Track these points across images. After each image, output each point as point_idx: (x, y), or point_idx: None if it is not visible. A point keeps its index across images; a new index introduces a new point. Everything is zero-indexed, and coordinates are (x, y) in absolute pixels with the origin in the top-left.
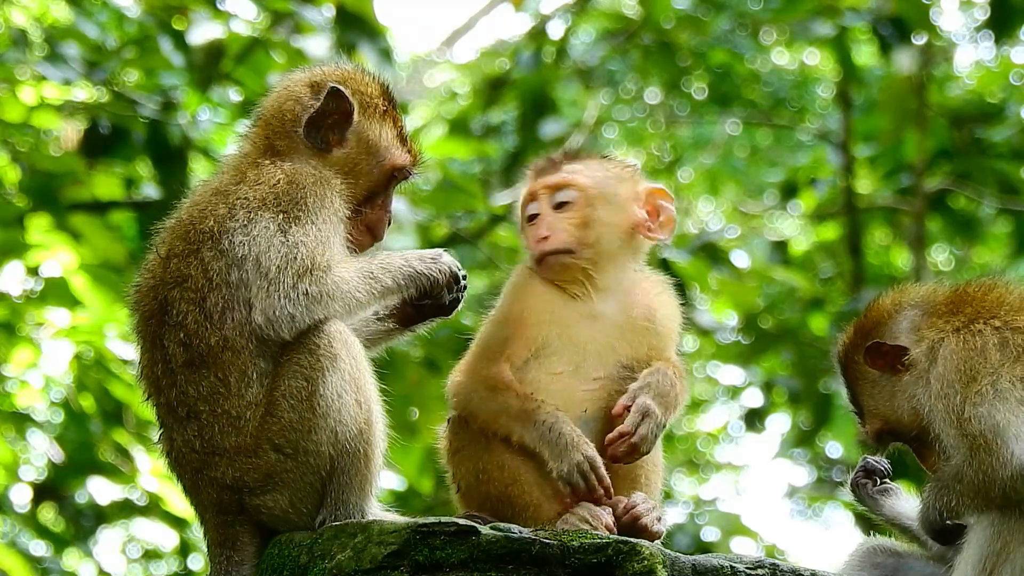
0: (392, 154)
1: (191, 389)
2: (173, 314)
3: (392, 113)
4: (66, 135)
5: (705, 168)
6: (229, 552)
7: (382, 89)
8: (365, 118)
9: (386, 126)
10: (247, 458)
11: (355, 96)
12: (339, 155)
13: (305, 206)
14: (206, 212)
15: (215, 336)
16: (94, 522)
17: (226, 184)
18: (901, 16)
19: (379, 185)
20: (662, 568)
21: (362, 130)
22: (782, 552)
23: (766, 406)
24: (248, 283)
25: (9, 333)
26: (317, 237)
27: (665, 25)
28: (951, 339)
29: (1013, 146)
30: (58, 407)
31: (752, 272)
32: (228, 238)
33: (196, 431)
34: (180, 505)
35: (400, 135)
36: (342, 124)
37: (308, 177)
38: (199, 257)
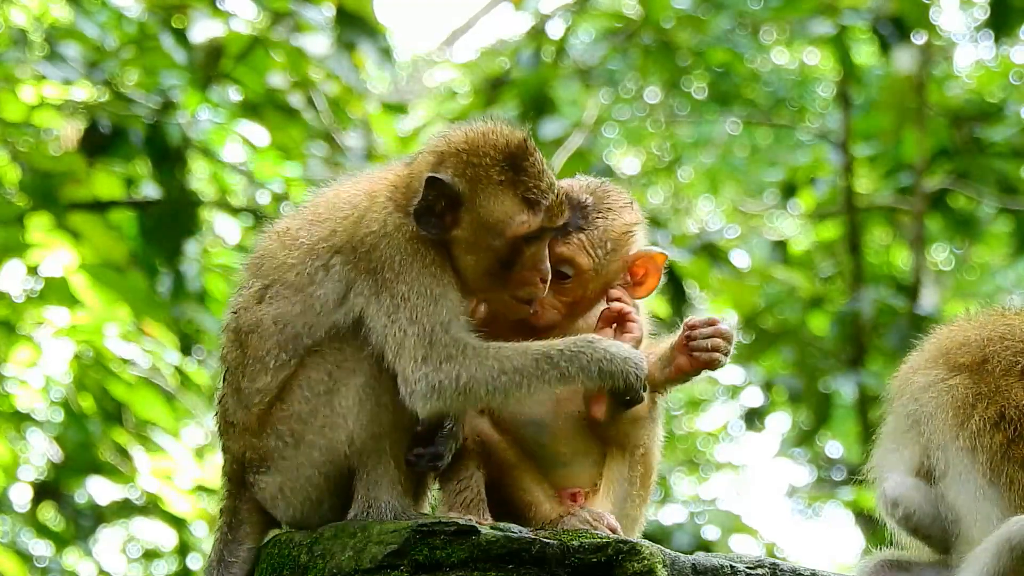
0: (512, 224)
1: (229, 354)
2: (251, 278)
3: (514, 179)
4: (66, 134)
5: (705, 167)
6: (227, 527)
7: (504, 153)
8: (478, 193)
9: (504, 195)
10: (251, 437)
11: (467, 171)
12: (458, 235)
13: (393, 266)
14: (316, 219)
15: (253, 317)
16: (93, 522)
17: (352, 199)
18: (901, 15)
19: (509, 254)
20: (662, 567)
21: (475, 206)
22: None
23: (766, 405)
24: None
25: (9, 332)
26: (418, 299)
27: (665, 24)
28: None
29: (1013, 146)
30: (58, 407)
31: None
32: (318, 264)
33: (223, 393)
34: (179, 505)
35: (523, 198)
36: (452, 208)
37: (405, 235)
38: (289, 255)
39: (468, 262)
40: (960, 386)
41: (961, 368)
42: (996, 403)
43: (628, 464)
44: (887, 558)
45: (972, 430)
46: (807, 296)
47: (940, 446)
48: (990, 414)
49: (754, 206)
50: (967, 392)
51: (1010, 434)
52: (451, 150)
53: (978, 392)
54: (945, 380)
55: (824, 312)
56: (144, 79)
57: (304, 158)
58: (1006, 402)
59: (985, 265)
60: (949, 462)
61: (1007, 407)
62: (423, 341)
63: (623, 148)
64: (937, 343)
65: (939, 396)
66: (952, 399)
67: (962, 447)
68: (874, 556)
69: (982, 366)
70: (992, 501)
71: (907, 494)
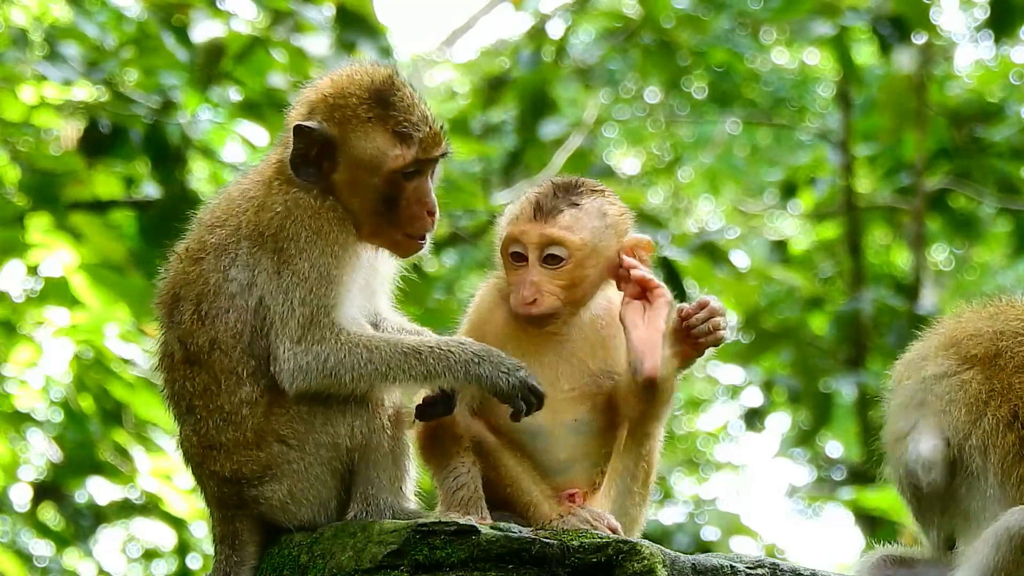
0: (387, 159)
1: (188, 385)
2: (177, 311)
3: (381, 113)
4: (66, 134)
5: (705, 167)
6: (229, 550)
7: (369, 90)
8: (348, 133)
9: (375, 132)
10: (247, 451)
11: (334, 114)
12: (338, 179)
13: (298, 244)
14: (218, 222)
15: (206, 336)
16: (93, 522)
17: (246, 192)
18: (901, 15)
19: (390, 190)
20: (662, 567)
21: (348, 148)
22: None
23: (766, 405)
24: (260, 322)
25: (9, 332)
26: (315, 281)
27: (665, 24)
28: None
29: (1013, 145)
30: (58, 407)
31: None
32: (229, 258)
33: (193, 426)
34: (179, 505)
35: (394, 132)
36: (328, 151)
37: (306, 210)
38: (203, 265)
39: (353, 205)
40: (973, 381)
41: (973, 361)
42: (1009, 401)
43: (632, 461)
44: (889, 553)
45: (985, 428)
46: (807, 296)
47: (955, 443)
48: (1003, 413)
49: (754, 206)
50: (980, 388)
51: (1023, 435)
52: (318, 97)
53: (991, 389)
54: (958, 373)
55: (824, 312)
56: (144, 79)
57: None
58: (1020, 401)
59: (985, 265)
60: (962, 459)
61: (1021, 406)
62: (304, 321)
63: (623, 148)
64: (947, 333)
65: (952, 391)
66: (965, 395)
67: (975, 445)
68: (876, 551)
69: (995, 360)
70: (1002, 502)
71: (940, 460)
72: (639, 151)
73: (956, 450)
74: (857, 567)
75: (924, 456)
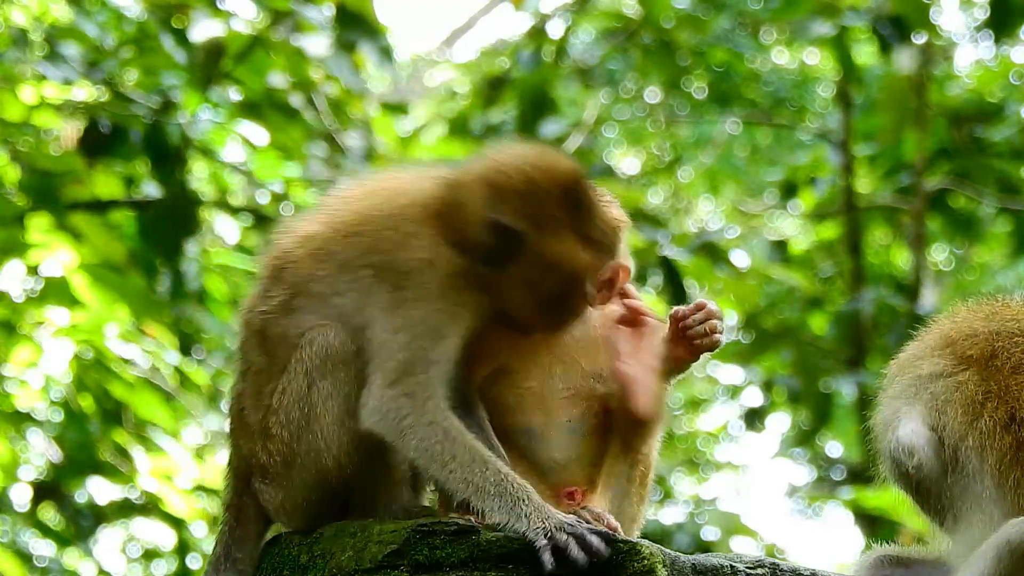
0: (573, 263)
1: (252, 355)
2: (275, 286)
3: (574, 217)
4: (66, 134)
5: (705, 167)
6: (234, 521)
7: (565, 190)
8: (540, 233)
9: (566, 235)
10: (258, 442)
11: (528, 210)
12: (513, 272)
13: (424, 292)
14: (353, 232)
15: (282, 327)
16: (93, 522)
17: (394, 216)
18: (901, 15)
19: (563, 291)
20: (662, 567)
21: (537, 248)
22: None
23: (766, 405)
24: (352, 344)
25: (9, 332)
26: (427, 332)
27: (665, 24)
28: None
29: (1013, 145)
30: (58, 407)
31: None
32: (349, 278)
33: (240, 392)
34: (179, 505)
35: (584, 237)
36: (514, 250)
37: (449, 269)
38: (321, 267)
39: (519, 297)
40: (969, 383)
41: (969, 361)
42: (1006, 403)
43: (628, 462)
44: (886, 553)
45: (982, 430)
46: (807, 296)
47: (950, 443)
48: (1000, 415)
49: (754, 206)
50: (976, 389)
51: (1020, 437)
52: (508, 185)
53: (987, 390)
54: (954, 374)
55: (824, 312)
56: (144, 79)
57: (304, 158)
58: (1016, 403)
59: (985, 265)
60: (958, 460)
61: (1018, 408)
62: (400, 367)
63: (623, 148)
64: (941, 333)
65: (947, 392)
66: (961, 396)
67: (971, 446)
68: (873, 551)
69: (991, 361)
70: (997, 504)
71: (923, 445)
72: (639, 151)
73: (952, 451)
74: (855, 567)
75: (903, 441)
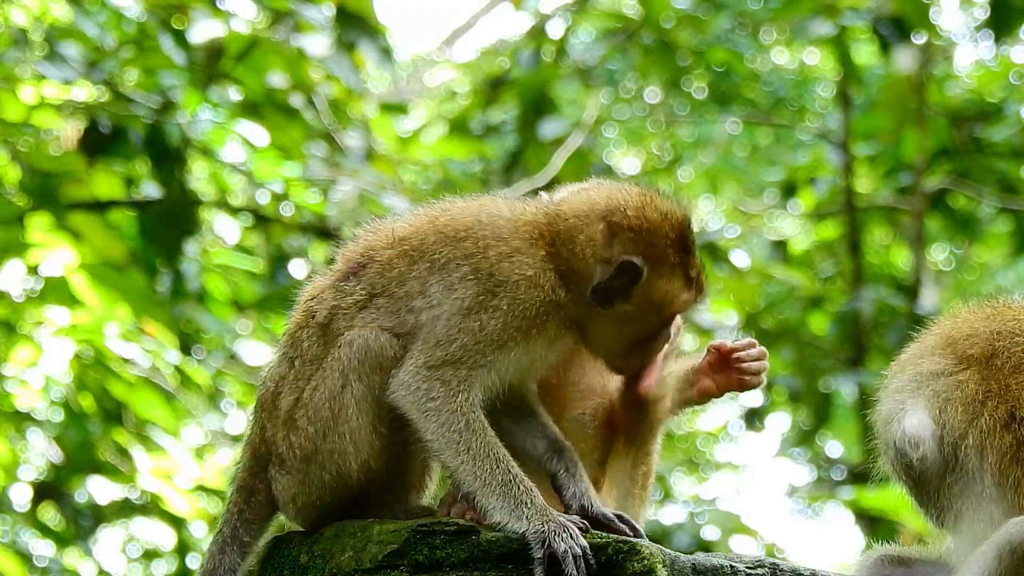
0: (676, 303)
1: (307, 344)
2: (353, 278)
3: (684, 259)
4: (66, 134)
5: (705, 167)
6: (244, 504)
7: (679, 233)
8: (654, 275)
9: (675, 277)
10: (281, 428)
11: (649, 253)
12: (620, 309)
13: (509, 304)
14: (451, 237)
15: (350, 327)
16: (93, 522)
17: (499, 231)
18: (901, 15)
19: (661, 328)
20: (662, 567)
21: (649, 287)
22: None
23: (766, 405)
24: (412, 328)
25: (9, 332)
26: (489, 340)
27: (665, 24)
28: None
29: (1013, 145)
30: (58, 406)
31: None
32: (439, 278)
33: (280, 375)
34: (179, 504)
35: (687, 277)
36: (629, 287)
37: (546, 294)
38: (414, 268)
39: (616, 330)
40: (970, 382)
41: (970, 361)
42: (1006, 402)
43: (631, 463)
44: (887, 553)
45: (982, 429)
46: (807, 296)
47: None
48: (1000, 414)
49: (754, 206)
50: (976, 389)
51: (1020, 436)
52: (627, 224)
53: (988, 389)
54: (954, 373)
55: (824, 312)
56: (144, 79)
57: (304, 158)
58: (1016, 402)
59: (985, 265)
60: (958, 459)
61: (1018, 407)
62: (447, 358)
63: (623, 148)
64: (942, 332)
65: (948, 390)
66: (962, 394)
67: (971, 445)
68: (874, 550)
69: (991, 360)
70: (997, 503)
71: (928, 437)
72: (639, 151)
73: (951, 449)
74: (855, 566)
75: (909, 432)
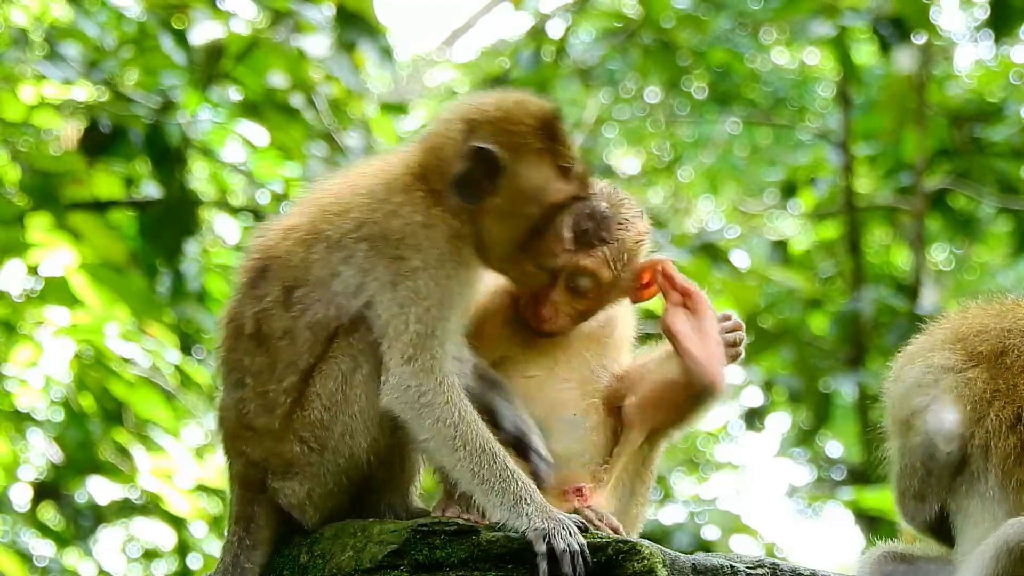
0: (549, 192)
1: (247, 360)
2: (262, 285)
3: (550, 147)
4: (66, 134)
5: (705, 167)
6: (243, 532)
7: (540, 121)
8: (517, 163)
9: (542, 165)
10: (274, 442)
11: (507, 140)
12: (491, 204)
13: (425, 260)
14: (339, 212)
15: (283, 323)
16: (93, 522)
17: (375, 191)
18: (901, 15)
19: (542, 221)
20: (662, 567)
21: (514, 176)
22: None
23: (766, 405)
24: (360, 325)
25: (9, 332)
26: (433, 302)
27: (665, 24)
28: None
29: (1013, 145)
30: (58, 406)
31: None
32: (343, 255)
33: (237, 401)
34: (179, 504)
35: (559, 167)
36: (492, 176)
37: (446, 230)
38: (312, 252)
39: (498, 231)
40: (978, 380)
41: (979, 358)
42: (1013, 403)
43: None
44: (890, 550)
45: (988, 429)
46: (807, 296)
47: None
48: (1006, 414)
49: (754, 206)
50: (984, 387)
51: None
52: (485, 118)
53: (995, 389)
54: (963, 370)
55: (824, 312)
56: (144, 79)
57: (304, 158)
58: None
59: (985, 265)
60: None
61: None
62: (416, 340)
63: (623, 148)
64: (952, 328)
65: (957, 387)
66: (970, 392)
67: (977, 445)
68: (877, 548)
69: (1000, 359)
70: (1000, 503)
71: (960, 434)
72: (639, 151)
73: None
74: (858, 563)
75: (947, 428)
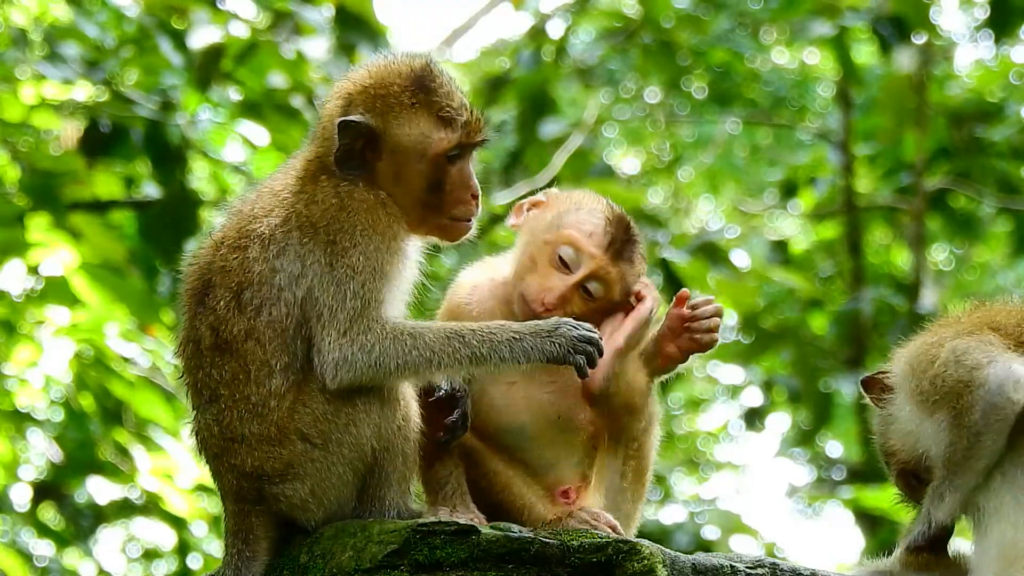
0: (432, 143)
1: (215, 373)
2: (210, 297)
3: (424, 100)
4: (66, 134)
5: (705, 167)
6: (242, 545)
7: (409, 78)
8: (391, 122)
9: (418, 119)
10: (270, 446)
11: (376, 104)
12: (382, 168)
13: (353, 237)
14: (263, 213)
15: (242, 325)
16: (93, 522)
17: (289, 187)
18: (901, 15)
19: (435, 174)
20: (662, 567)
21: (392, 136)
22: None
23: (766, 405)
24: (306, 315)
25: (9, 332)
26: (368, 274)
27: (665, 24)
28: (910, 346)
29: (1013, 145)
30: (58, 406)
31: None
32: (278, 248)
33: (216, 415)
34: (179, 504)
35: (438, 117)
36: (371, 142)
37: (360, 203)
38: (247, 253)
39: (399, 193)
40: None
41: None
42: None
43: (620, 458)
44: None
45: None
46: (807, 296)
47: None
48: None
49: (754, 206)
50: None
51: None
52: (356, 88)
53: None
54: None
55: (824, 312)
56: (144, 79)
57: None
58: None
59: (985, 265)
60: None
61: None
62: (353, 314)
63: (623, 148)
64: (980, 318)
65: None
66: None
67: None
68: (866, 566)
69: None
70: None
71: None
72: (639, 151)
73: None
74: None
75: (1016, 376)
